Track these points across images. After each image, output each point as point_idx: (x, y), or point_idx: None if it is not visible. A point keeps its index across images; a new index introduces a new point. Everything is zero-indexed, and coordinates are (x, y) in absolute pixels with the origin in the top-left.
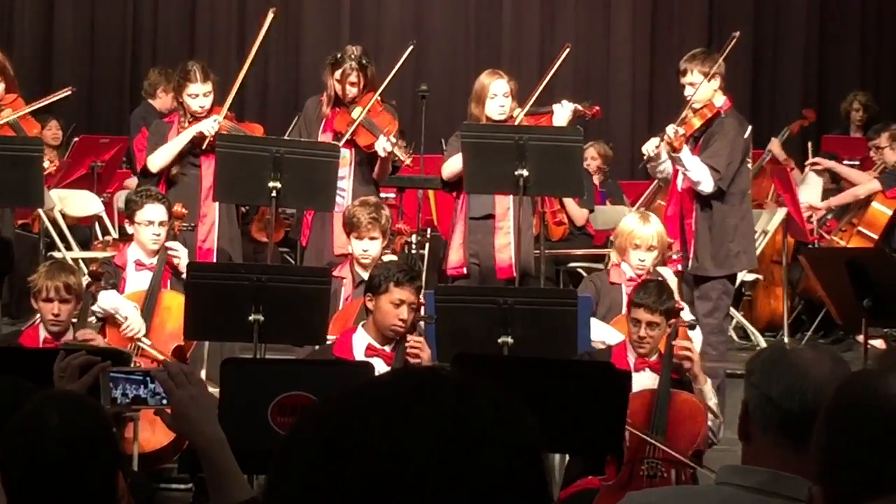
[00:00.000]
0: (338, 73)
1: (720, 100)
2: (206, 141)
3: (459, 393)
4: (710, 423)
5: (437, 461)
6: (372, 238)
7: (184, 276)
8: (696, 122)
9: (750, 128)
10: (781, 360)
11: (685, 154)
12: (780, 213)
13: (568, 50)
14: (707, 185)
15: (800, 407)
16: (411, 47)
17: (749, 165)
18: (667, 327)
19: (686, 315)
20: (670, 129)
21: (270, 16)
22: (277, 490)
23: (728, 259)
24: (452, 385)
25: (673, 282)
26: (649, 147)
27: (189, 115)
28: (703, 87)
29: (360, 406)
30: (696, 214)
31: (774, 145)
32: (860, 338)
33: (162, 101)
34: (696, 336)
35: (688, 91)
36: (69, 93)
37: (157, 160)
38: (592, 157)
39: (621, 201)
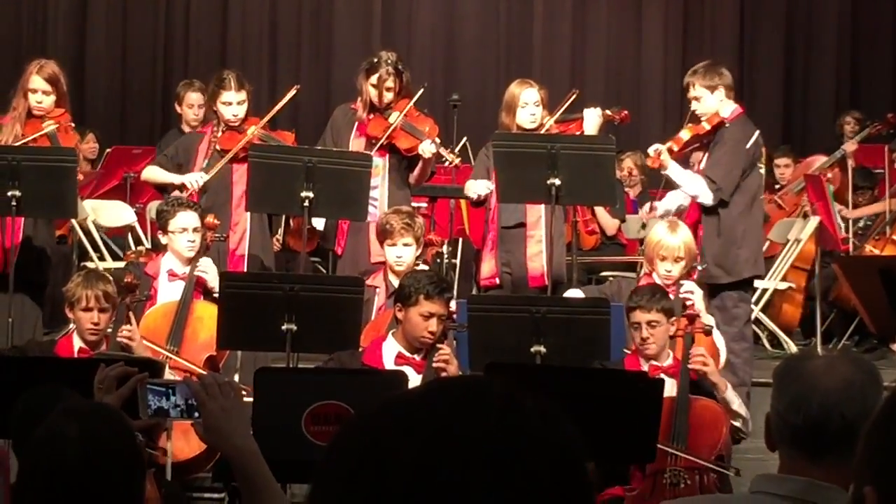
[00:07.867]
0: (374, 79)
1: (727, 109)
2: (189, 193)
3: (504, 402)
4: (738, 424)
5: (481, 471)
6: (406, 244)
7: (214, 295)
8: (686, 136)
9: (757, 132)
10: (791, 372)
11: (672, 170)
12: (813, 221)
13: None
14: (705, 198)
15: (804, 421)
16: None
17: (761, 171)
18: (669, 325)
19: (706, 318)
20: (651, 149)
21: (293, 91)
22: (320, 502)
23: (737, 265)
24: (497, 395)
25: (699, 293)
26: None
27: (223, 123)
28: (708, 100)
29: (404, 416)
30: (703, 223)
31: (850, 145)
32: (895, 346)
33: (183, 114)
34: (719, 340)
35: (694, 105)
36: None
37: (147, 175)
38: (630, 167)
39: None
